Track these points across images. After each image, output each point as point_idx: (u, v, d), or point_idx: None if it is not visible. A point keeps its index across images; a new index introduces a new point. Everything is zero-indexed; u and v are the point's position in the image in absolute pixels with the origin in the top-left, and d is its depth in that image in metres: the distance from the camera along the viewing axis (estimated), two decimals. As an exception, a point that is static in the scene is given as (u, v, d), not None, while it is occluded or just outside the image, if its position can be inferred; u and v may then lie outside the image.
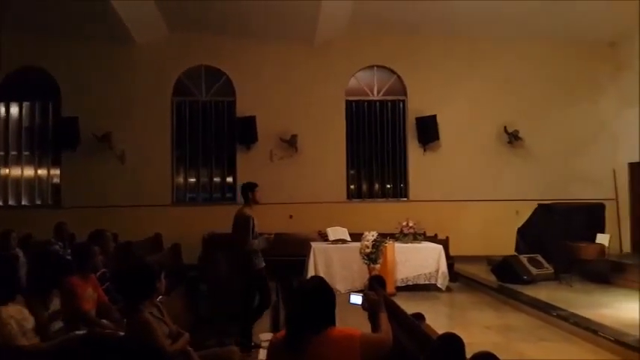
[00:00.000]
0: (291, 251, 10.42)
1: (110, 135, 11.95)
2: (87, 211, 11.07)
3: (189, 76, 12.71)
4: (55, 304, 4.39)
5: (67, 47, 12.02)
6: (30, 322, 3.91)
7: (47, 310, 4.28)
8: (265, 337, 5.64)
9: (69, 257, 5.93)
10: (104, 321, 4.61)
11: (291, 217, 12.04)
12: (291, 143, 12.31)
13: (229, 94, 12.66)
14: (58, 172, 12.44)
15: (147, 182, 12.11)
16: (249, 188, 6.86)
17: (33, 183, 12.53)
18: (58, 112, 12.32)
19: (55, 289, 4.40)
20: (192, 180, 12.85)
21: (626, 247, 12.04)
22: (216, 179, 12.86)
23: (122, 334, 3.92)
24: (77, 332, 4.19)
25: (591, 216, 10.14)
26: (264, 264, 6.50)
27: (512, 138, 12.53)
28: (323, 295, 2.78)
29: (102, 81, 12.15)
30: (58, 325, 4.36)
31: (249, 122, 12.22)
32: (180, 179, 12.79)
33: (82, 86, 12.10)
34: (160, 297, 4.09)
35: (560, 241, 9.50)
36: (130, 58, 12.27)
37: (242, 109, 12.42)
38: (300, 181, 12.24)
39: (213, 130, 12.74)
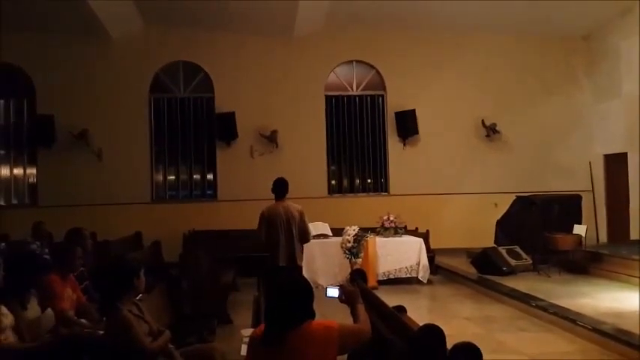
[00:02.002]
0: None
1: (87, 132, 11.78)
2: (64, 210, 10.90)
3: (166, 72, 12.58)
4: (33, 304, 4.33)
5: (42, 44, 11.79)
6: (9, 319, 3.86)
7: (25, 310, 4.21)
8: (247, 332, 5.62)
9: (47, 256, 5.86)
10: (83, 320, 4.57)
11: (272, 213, 12.00)
12: (271, 139, 12.27)
13: (208, 90, 12.56)
14: (34, 170, 12.23)
15: (125, 180, 11.97)
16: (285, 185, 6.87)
17: (9, 182, 12.31)
18: (34, 110, 12.09)
19: (33, 289, 4.34)
20: (172, 177, 12.74)
21: (603, 237, 12.24)
22: (196, 176, 12.78)
23: (101, 332, 3.88)
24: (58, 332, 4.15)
25: (568, 207, 10.29)
26: None
27: (490, 131, 12.66)
28: (300, 289, 2.80)
29: (77, 78, 11.96)
30: (35, 325, 4.30)
31: (229, 118, 12.15)
32: (160, 176, 12.67)
33: (58, 83, 11.90)
34: (140, 295, 4.05)
35: (538, 232, 9.63)
36: (105, 54, 12.10)
37: (221, 105, 12.34)
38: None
39: (192, 126, 12.64)
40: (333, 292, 3.18)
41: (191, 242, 10.32)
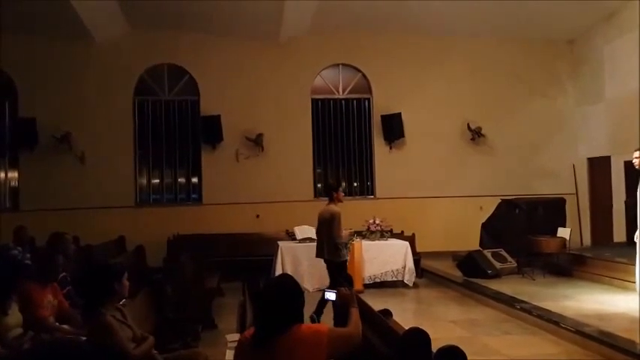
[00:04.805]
0: (259, 251, 10.41)
1: (70, 136, 11.64)
2: (46, 214, 10.75)
3: (151, 74, 12.49)
4: (15, 309, 4.26)
5: (24, 45, 11.61)
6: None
7: (5, 315, 4.15)
8: (232, 337, 5.57)
9: (28, 262, 5.77)
10: (65, 326, 4.51)
11: (258, 216, 11.99)
12: (257, 142, 12.23)
13: (193, 93, 12.49)
14: (15, 174, 12.04)
15: (109, 184, 11.84)
16: (333, 188, 7.41)
17: (-11, 186, 12.13)
18: (15, 113, 11.92)
19: (14, 295, 4.27)
20: (156, 181, 12.63)
21: (586, 240, 12.37)
22: (181, 180, 12.68)
23: (84, 338, 3.83)
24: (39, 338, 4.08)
25: (552, 210, 10.37)
26: (347, 257, 7.50)
27: (476, 135, 12.74)
28: (291, 292, 2.78)
29: (61, 80, 11.82)
30: (17, 331, 4.23)
31: (214, 121, 12.09)
32: (144, 180, 12.56)
33: (40, 86, 11.75)
34: (123, 300, 4.00)
35: (522, 235, 9.69)
36: (89, 56, 11.97)
37: (206, 108, 12.28)
38: (267, 181, 12.18)
39: (176, 129, 12.55)
40: (331, 295, 3.21)
41: (175, 246, 10.23)
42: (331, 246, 7.22)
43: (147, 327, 4.60)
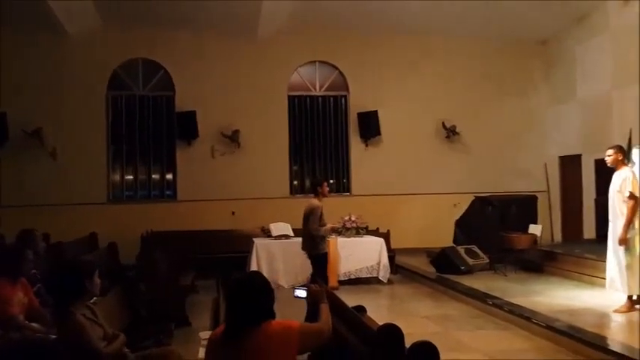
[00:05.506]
0: (234, 248, 10.36)
1: (41, 130, 11.39)
2: (16, 211, 10.52)
3: (125, 69, 12.31)
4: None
5: (-7, 38, 11.37)
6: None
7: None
8: (205, 335, 5.54)
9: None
10: (35, 325, 4.42)
11: (233, 213, 11.91)
12: (233, 139, 12.15)
13: (168, 89, 12.35)
14: (-16, 170, 11.78)
15: (81, 180, 11.64)
16: (318, 184, 7.84)
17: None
18: (-16, 107, 11.65)
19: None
20: (130, 177, 12.46)
21: (557, 236, 12.61)
22: (155, 176, 12.54)
23: (54, 337, 3.76)
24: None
25: (525, 207, 10.53)
26: (328, 249, 7.78)
27: (450, 133, 12.86)
28: (260, 289, 2.79)
29: (32, 74, 11.56)
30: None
31: (189, 117, 11.97)
32: (117, 176, 12.39)
33: (10, 79, 11.42)
34: (95, 298, 3.95)
35: (495, 231, 9.83)
36: (61, 49, 11.73)
37: (181, 104, 12.15)
38: (243, 177, 12.12)
39: (151, 125, 12.40)
40: (301, 292, 3.23)
41: (149, 244, 10.11)
42: (309, 239, 7.57)
43: (119, 325, 4.55)
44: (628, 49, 10.51)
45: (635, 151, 7.24)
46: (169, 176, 12.47)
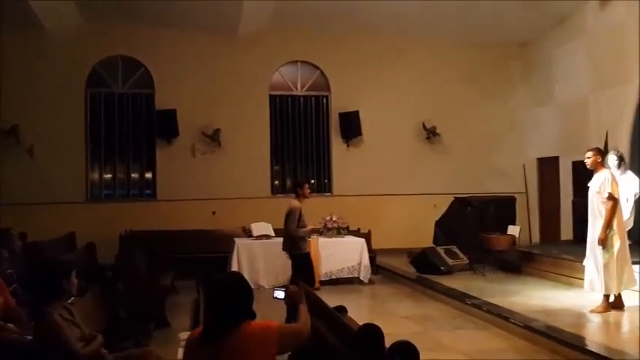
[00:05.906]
0: (215, 248, 10.29)
1: (17, 128, 11.20)
2: (-8, 209, 10.35)
3: (104, 66, 12.16)
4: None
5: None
6: None
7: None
8: (184, 335, 5.50)
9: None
10: (10, 325, 4.34)
11: (214, 213, 11.85)
12: (213, 138, 12.08)
13: (148, 87, 12.24)
14: (-41, 168, 11.54)
15: (58, 178, 11.46)
16: (299, 185, 7.96)
17: None
18: (-41, 103, 11.42)
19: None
20: (109, 176, 12.32)
21: (535, 237, 12.77)
22: (134, 175, 12.41)
23: (30, 338, 3.70)
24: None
25: (503, 208, 10.66)
26: (309, 249, 7.80)
27: (431, 134, 12.96)
28: (238, 289, 2.79)
29: (9, 70, 11.32)
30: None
31: (170, 116, 11.88)
32: (95, 175, 12.24)
33: (-14, 76, 11.27)
34: (72, 298, 3.89)
35: (474, 232, 9.93)
36: (39, 45, 11.52)
37: (162, 102, 12.04)
38: (224, 177, 12.05)
39: (130, 123, 12.27)
40: (280, 293, 3.24)
41: (128, 243, 9.98)
42: (289, 239, 7.66)
43: (97, 326, 4.49)
44: (605, 52, 10.70)
45: (610, 157, 7.36)
46: (149, 175, 12.35)
